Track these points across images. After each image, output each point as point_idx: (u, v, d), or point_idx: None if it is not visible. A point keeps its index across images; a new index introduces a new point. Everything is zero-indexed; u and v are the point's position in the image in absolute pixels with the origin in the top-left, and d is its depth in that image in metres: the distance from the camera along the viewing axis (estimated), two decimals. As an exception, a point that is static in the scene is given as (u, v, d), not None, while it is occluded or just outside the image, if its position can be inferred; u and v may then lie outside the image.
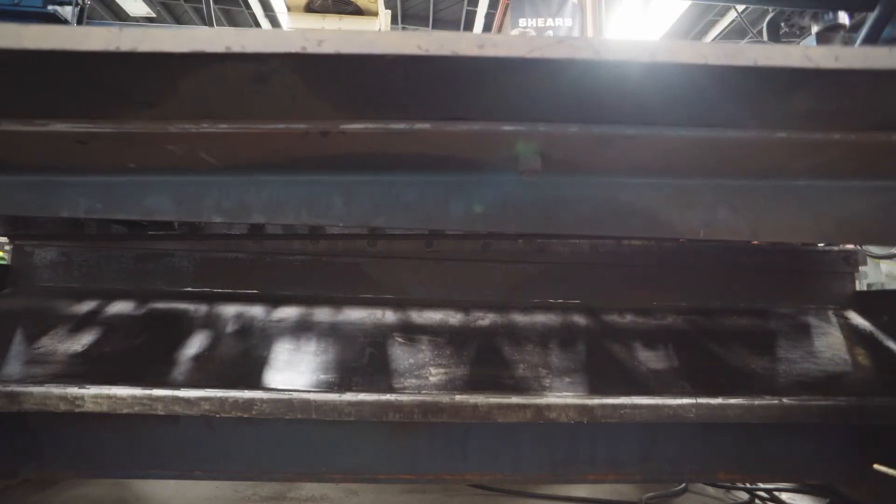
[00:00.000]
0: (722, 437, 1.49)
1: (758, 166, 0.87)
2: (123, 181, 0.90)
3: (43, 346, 1.29)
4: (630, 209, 0.91)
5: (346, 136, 0.76)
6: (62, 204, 0.90)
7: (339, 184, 0.90)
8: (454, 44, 0.58)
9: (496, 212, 0.91)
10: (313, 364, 1.29)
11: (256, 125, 0.75)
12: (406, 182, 0.91)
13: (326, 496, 1.69)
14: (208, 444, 1.42)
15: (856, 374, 1.42)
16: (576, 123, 0.76)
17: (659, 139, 0.78)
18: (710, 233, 0.90)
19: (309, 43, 0.57)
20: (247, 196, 0.90)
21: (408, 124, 0.75)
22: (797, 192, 0.90)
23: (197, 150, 0.81)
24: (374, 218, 0.92)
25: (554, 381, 1.29)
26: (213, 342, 1.35)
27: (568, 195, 0.91)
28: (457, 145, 0.81)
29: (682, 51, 0.60)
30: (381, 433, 1.44)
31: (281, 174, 0.90)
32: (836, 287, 1.68)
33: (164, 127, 0.75)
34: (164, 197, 0.90)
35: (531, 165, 0.80)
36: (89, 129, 0.75)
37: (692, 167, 0.89)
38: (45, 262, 1.55)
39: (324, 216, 0.91)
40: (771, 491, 1.74)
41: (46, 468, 1.42)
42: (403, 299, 1.58)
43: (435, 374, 1.28)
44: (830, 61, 0.59)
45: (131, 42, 0.56)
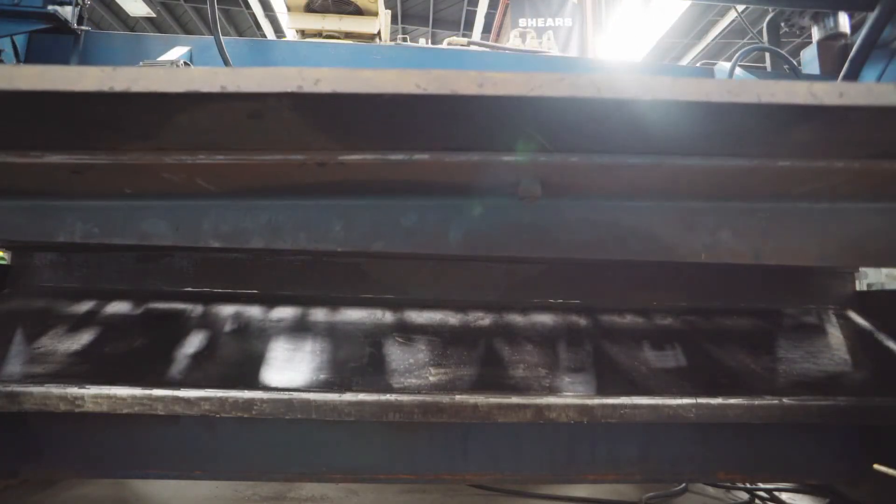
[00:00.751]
0: (722, 437, 1.49)
1: (760, 191, 0.87)
2: (120, 205, 0.90)
3: (43, 346, 1.29)
4: (631, 232, 0.90)
5: (345, 166, 0.76)
6: (58, 228, 0.90)
7: (338, 208, 0.90)
8: (453, 83, 0.57)
9: (496, 235, 0.90)
10: (313, 364, 1.29)
11: (253, 156, 0.75)
12: (405, 206, 0.90)
13: (326, 496, 1.69)
14: (208, 444, 1.42)
15: (856, 374, 1.42)
16: (577, 153, 0.76)
17: (661, 168, 0.78)
18: (711, 256, 0.89)
19: (305, 82, 0.56)
20: (244, 221, 0.90)
21: (406, 155, 0.75)
22: (799, 215, 0.90)
23: (194, 178, 0.81)
24: (372, 242, 0.91)
25: (554, 381, 1.29)
26: (212, 342, 1.35)
27: (568, 218, 0.91)
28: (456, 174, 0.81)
29: (684, 88, 0.59)
30: (381, 433, 1.44)
31: (279, 199, 0.90)
32: (836, 287, 1.68)
33: (160, 158, 0.75)
34: (161, 221, 0.90)
35: (531, 192, 0.80)
36: (84, 161, 0.75)
37: (694, 191, 0.89)
38: (45, 262, 1.55)
39: (322, 241, 0.91)
40: (771, 491, 1.74)
41: (46, 468, 1.42)
42: (403, 299, 1.58)
43: (435, 375, 1.28)
44: (835, 98, 0.59)
45: (125, 82, 0.56)
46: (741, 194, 0.88)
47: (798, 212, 0.90)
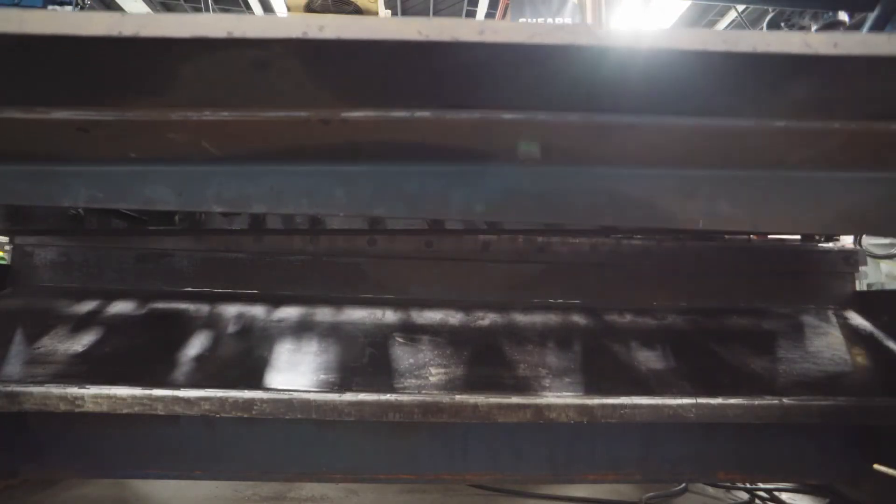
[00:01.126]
0: (722, 437, 1.49)
1: (757, 157, 0.87)
2: (124, 171, 0.90)
3: (43, 346, 1.29)
4: (630, 200, 0.90)
5: (347, 124, 0.76)
6: (63, 193, 0.90)
7: (340, 174, 0.90)
8: (454, 30, 0.58)
9: (497, 202, 0.91)
10: (313, 364, 1.29)
11: (258, 113, 0.75)
12: (407, 172, 0.91)
13: (326, 496, 1.69)
14: (208, 444, 1.42)
15: (856, 374, 1.42)
16: (576, 112, 0.76)
17: (659, 128, 0.78)
18: (709, 223, 0.90)
19: (310, 28, 0.57)
20: (247, 186, 0.90)
21: (408, 112, 0.75)
22: (797, 183, 0.90)
23: (198, 139, 0.81)
24: (374, 208, 0.91)
25: (554, 381, 1.29)
26: (212, 342, 1.35)
27: (568, 186, 0.91)
28: (457, 134, 0.81)
29: (681, 37, 0.60)
30: (381, 433, 1.44)
31: (282, 164, 0.90)
32: (836, 287, 1.68)
33: (166, 114, 0.75)
34: (165, 186, 0.90)
35: (530, 155, 0.80)
36: (91, 117, 0.75)
37: (692, 158, 0.89)
38: (45, 262, 1.55)
39: (324, 206, 0.91)
40: (771, 491, 1.73)
41: (46, 468, 1.42)
42: (403, 299, 1.58)
43: (435, 374, 1.28)
44: (829, 48, 0.59)
45: (134, 27, 0.56)
46: (739, 161, 0.89)
47: (796, 180, 0.90)
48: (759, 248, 1.70)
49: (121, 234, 1.56)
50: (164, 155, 0.88)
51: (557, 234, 1.64)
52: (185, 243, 1.57)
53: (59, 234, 1.55)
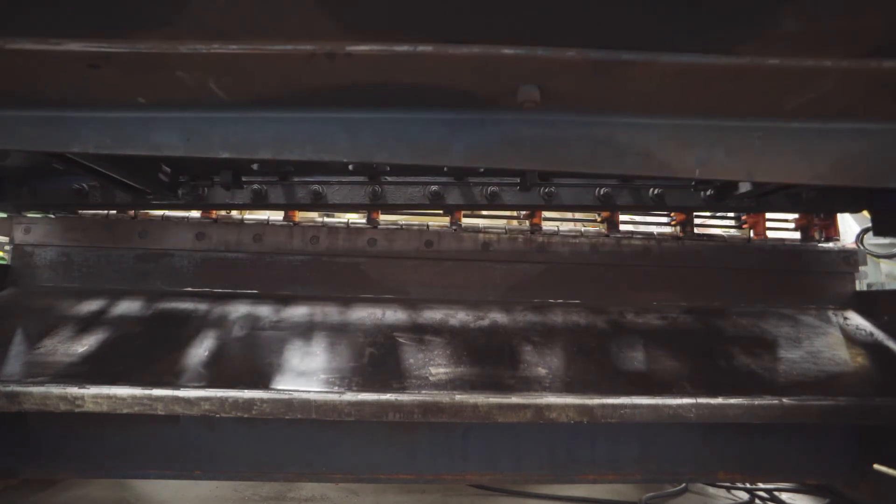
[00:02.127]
0: (722, 437, 1.49)
1: (752, 104, 0.88)
2: (133, 117, 0.91)
3: (43, 346, 1.29)
4: (627, 148, 0.92)
5: (352, 59, 0.76)
6: (72, 138, 0.90)
7: (344, 121, 0.91)
8: None
9: (497, 149, 0.92)
10: (313, 364, 1.29)
11: (265, 45, 0.75)
12: (409, 119, 0.92)
13: (326, 496, 1.69)
14: (208, 444, 1.42)
15: (856, 374, 1.42)
16: (574, 48, 0.76)
17: (655, 65, 0.78)
18: (705, 172, 0.91)
19: None
20: (253, 132, 0.91)
21: (411, 46, 0.75)
22: (791, 134, 0.91)
23: (206, 79, 0.82)
24: (376, 153, 0.92)
25: (554, 380, 1.29)
26: (212, 342, 1.35)
27: (567, 134, 0.92)
28: (458, 74, 0.81)
29: None
30: (381, 433, 1.44)
31: (287, 111, 0.91)
32: (837, 287, 1.68)
33: (176, 47, 0.75)
34: (173, 133, 0.91)
35: (530, 96, 0.81)
36: (102, 49, 0.75)
37: (689, 105, 0.90)
38: (45, 261, 1.56)
39: (328, 152, 0.92)
40: (771, 491, 1.74)
41: (46, 468, 1.42)
42: (403, 299, 1.58)
43: (435, 374, 1.28)
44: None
45: None
46: (734, 110, 0.90)
47: (790, 131, 0.91)
48: (759, 247, 1.70)
49: (125, 207, 1.55)
50: (171, 100, 0.89)
51: (557, 234, 1.64)
52: (185, 243, 1.57)
53: (65, 209, 1.55)
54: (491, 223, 1.71)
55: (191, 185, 1.50)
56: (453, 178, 1.54)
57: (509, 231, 1.65)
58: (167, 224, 1.59)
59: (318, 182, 1.52)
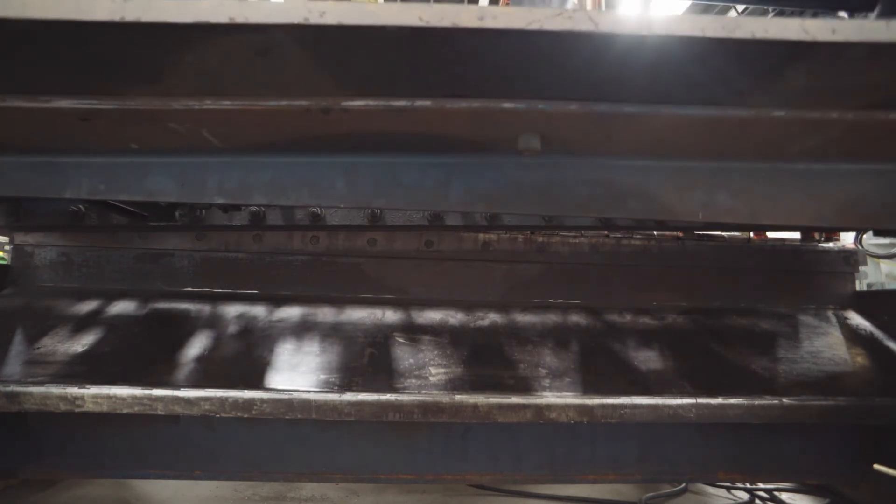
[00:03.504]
0: (722, 437, 1.49)
1: (756, 148, 0.87)
2: (125, 162, 0.90)
3: (43, 346, 1.29)
4: (629, 191, 0.90)
5: (348, 113, 0.76)
6: (65, 184, 0.89)
7: (341, 165, 0.90)
8: (454, 16, 0.58)
9: (496, 194, 0.91)
10: (313, 364, 1.29)
11: (259, 102, 0.75)
12: (407, 164, 0.91)
13: (326, 496, 1.69)
14: (208, 444, 1.42)
15: (856, 374, 1.42)
16: (575, 101, 0.75)
17: (658, 118, 0.77)
18: (708, 215, 0.90)
19: (311, 14, 0.57)
20: (248, 177, 0.90)
21: (409, 101, 0.75)
22: (796, 175, 0.90)
23: (199, 129, 0.81)
24: (374, 199, 0.91)
25: (554, 381, 1.29)
26: (212, 342, 1.35)
27: (567, 177, 0.91)
28: (457, 125, 0.81)
29: (680, 24, 0.60)
30: (381, 433, 1.44)
31: (282, 156, 0.90)
32: (836, 287, 1.68)
33: (168, 103, 0.74)
34: (167, 178, 0.90)
35: (530, 145, 0.80)
36: (92, 106, 0.75)
37: (691, 148, 0.89)
38: (45, 262, 1.55)
39: (325, 198, 0.91)
40: (771, 491, 1.74)
41: (46, 468, 1.42)
42: (403, 299, 1.58)
43: (435, 374, 1.28)
44: (827, 34, 0.59)
45: (136, 12, 0.56)
46: (738, 152, 0.89)
47: (794, 172, 0.90)
48: (759, 248, 1.70)
49: (122, 230, 1.55)
50: (165, 146, 0.88)
51: (557, 234, 1.64)
52: (185, 243, 1.57)
53: (61, 231, 1.55)
54: (491, 223, 1.70)
55: (188, 207, 1.50)
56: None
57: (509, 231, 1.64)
58: (167, 224, 1.58)
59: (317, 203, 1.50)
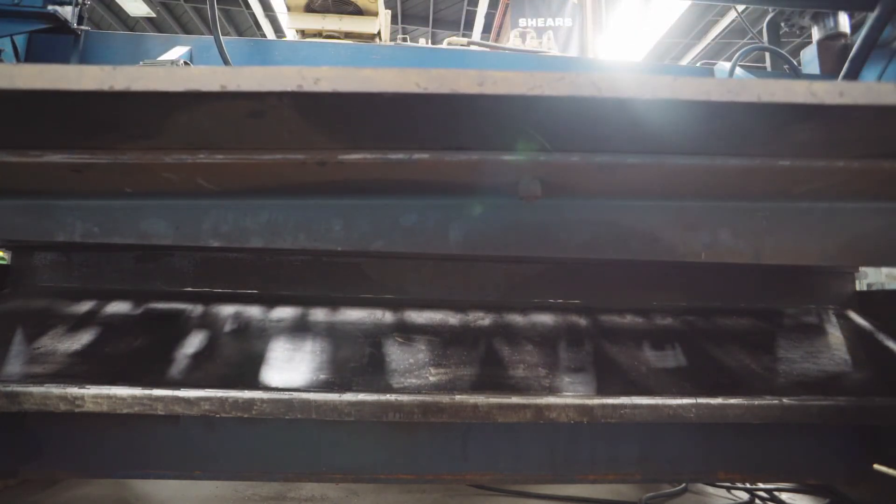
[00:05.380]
0: (722, 437, 1.49)
1: (760, 190, 0.87)
2: (120, 205, 0.89)
3: (43, 346, 1.29)
4: (631, 232, 0.90)
5: (345, 165, 0.76)
6: (58, 228, 0.89)
7: (338, 208, 0.90)
8: (453, 82, 0.58)
9: (496, 235, 0.90)
10: (313, 364, 1.29)
11: (253, 156, 0.75)
12: (405, 206, 0.90)
13: (326, 496, 1.69)
14: (208, 444, 1.42)
15: (856, 374, 1.42)
16: (577, 153, 0.75)
17: (661, 167, 0.77)
18: (711, 255, 0.89)
19: (305, 81, 0.56)
20: (244, 220, 0.89)
21: (406, 154, 0.75)
22: (799, 214, 0.90)
23: (194, 178, 0.81)
24: (373, 242, 0.91)
25: (554, 381, 1.29)
26: (212, 342, 1.35)
27: (568, 218, 0.90)
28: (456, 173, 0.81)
29: (684, 88, 0.59)
30: (381, 433, 1.44)
31: (279, 198, 0.89)
32: (836, 287, 1.68)
33: (160, 157, 0.74)
34: (162, 221, 0.89)
35: (531, 191, 0.80)
36: (84, 160, 0.75)
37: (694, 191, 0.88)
38: (45, 262, 1.55)
39: (322, 240, 0.90)
40: (771, 491, 1.74)
41: (46, 468, 1.41)
42: (403, 299, 1.58)
43: (435, 374, 1.28)
44: (835, 97, 0.59)
45: (125, 81, 0.56)
46: (741, 194, 0.88)
47: (798, 211, 0.89)
48: (759, 248, 1.70)
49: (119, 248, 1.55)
50: (159, 190, 0.87)
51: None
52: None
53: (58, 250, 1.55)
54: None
55: None
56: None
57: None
58: (167, 224, 1.58)
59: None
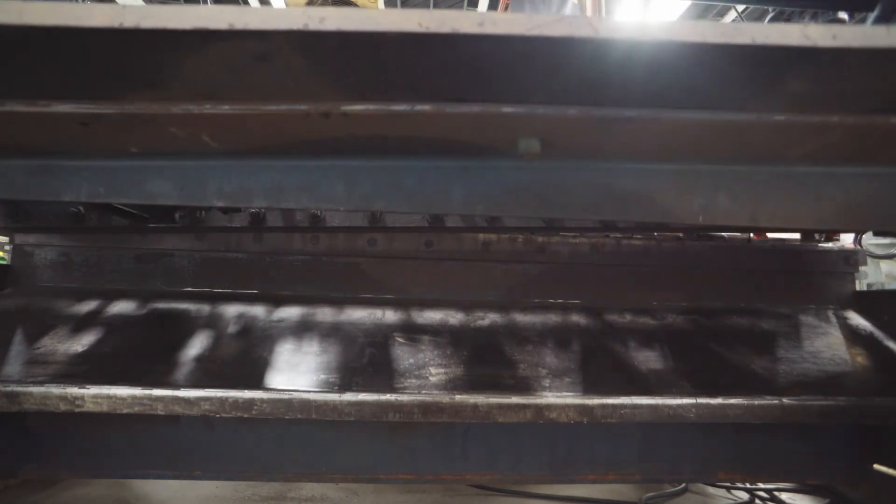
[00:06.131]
0: (722, 437, 1.49)
1: (757, 152, 0.88)
2: (125, 165, 0.90)
3: (43, 346, 1.29)
4: (629, 194, 0.91)
5: (348, 117, 0.76)
6: (64, 188, 0.90)
7: (340, 168, 0.91)
8: (454, 21, 0.59)
9: (497, 197, 0.91)
10: (313, 364, 1.29)
11: (259, 106, 0.75)
12: (407, 167, 0.91)
13: (326, 496, 1.69)
14: (208, 444, 1.42)
15: (856, 374, 1.42)
16: (575, 106, 0.76)
17: (658, 122, 0.78)
18: (708, 218, 0.90)
19: (311, 20, 0.58)
20: (248, 181, 0.90)
21: (409, 105, 0.75)
22: (796, 179, 0.90)
23: (199, 133, 0.81)
24: (374, 202, 0.92)
25: (554, 380, 1.29)
26: (212, 342, 1.35)
27: (567, 180, 0.91)
28: (457, 129, 0.81)
29: (681, 29, 0.61)
30: (381, 433, 1.44)
31: (282, 159, 0.90)
32: (836, 287, 1.68)
33: (167, 108, 0.75)
34: (166, 181, 0.90)
35: (531, 149, 0.81)
36: (91, 111, 0.75)
37: (691, 152, 0.89)
38: (45, 262, 1.55)
39: (325, 201, 0.91)
40: (771, 491, 1.74)
41: (46, 468, 1.42)
42: (403, 299, 1.58)
43: (435, 374, 1.28)
44: (828, 40, 0.60)
45: (135, 19, 0.57)
46: (737, 156, 0.89)
47: (794, 176, 0.90)
48: (759, 248, 1.70)
49: (122, 232, 1.55)
50: (164, 150, 0.88)
51: (557, 233, 1.64)
52: (185, 243, 1.57)
53: (61, 232, 1.55)
54: (491, 223, 1.70)
55: (188, 209, 1.51)
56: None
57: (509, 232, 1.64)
58: (167, 224, 1.58)
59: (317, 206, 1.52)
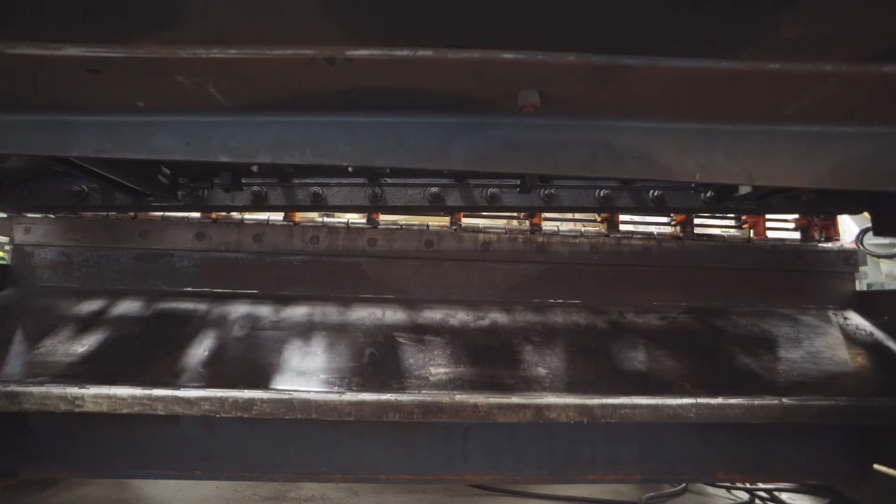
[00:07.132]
0: (722, 437, 1.49)
1: (752, 108, 0.88)
2: (132, 121, 0.91)
3: (43, 346, 1.29)
4: (627, 152, 0.91)
5: (352, 63, 0.76)
6: (72, 143, 0.91)
7: (343, 124, 0.91)
8: None
9: (496, 153, 0.91)
10: (313, 364, 1.29)
11: (265, 50, 0.75)
12: (408, 123, 0.91)
13: (326, 496, 1.69)
14: (208, 444, 1.42)
15: (856, 374, 1.42)
16: (574, 52, 0.76)
17: (655, 70, 0.78)
18: (705, 176, 0.91)
19: None
20: (253, 136, 0.91)
21: (411, 51, 0.75)
22: (792, 138, 0.91)
23: (206, 83, 0.82)
24: (376, 157, 0.92)
25: (554, 380, 1.29)
26: (212, 342, 1.35)
27: (567, 138, 0.91)
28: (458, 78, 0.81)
29: None
30: (381, 433, 1.44)
31: (286, 115, 0.91)
32: (837, 287, 1.68)
33: (175, 52, 0.75)
34: (172, 137, 0.91)
35: (530, 101, 0.80)
36: (101, 54, 0.75)
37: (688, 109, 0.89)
38: (45, 262, 1.56)
39: (328, 156, 0.91)
40: (771, 491, 1.74)
41: (46, 468, 1.42)
42: (403, 299, 1.58)
43: (435, 374, 1.28)
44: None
45: None
46: (733, 114, 0.90)
47: (790, 135, 0.91)
48: (759, 248, 1.70)
49: (124, 210, 1.55)
50: (171, 104, 0.88)
51: (557, 234, 1.64)
52: (185, 243, 1.57)
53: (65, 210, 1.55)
54: (491, 223, 1.71)
55: (190, 187, 1.51)
56: (453, 180, 1.54)
57: (509, 231, 1.65)
58: (167, 224, 1.59)
59: (318, 184, 1.52)
